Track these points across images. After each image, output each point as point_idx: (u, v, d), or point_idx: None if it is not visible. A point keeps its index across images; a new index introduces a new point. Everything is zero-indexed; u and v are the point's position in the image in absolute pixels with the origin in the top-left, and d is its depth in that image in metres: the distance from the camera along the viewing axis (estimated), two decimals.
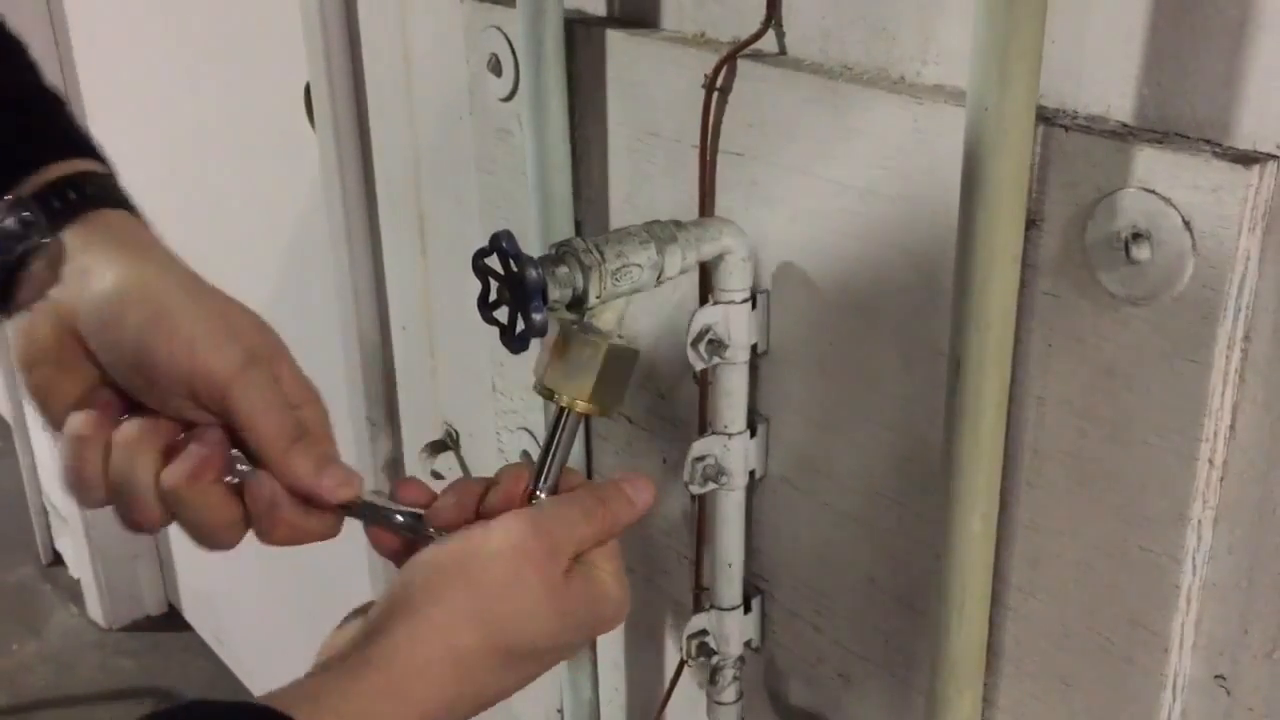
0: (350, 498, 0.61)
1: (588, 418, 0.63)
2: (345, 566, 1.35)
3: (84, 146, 0.66)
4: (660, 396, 0.91)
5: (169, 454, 0.60)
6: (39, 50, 0.68)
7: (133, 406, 0.61)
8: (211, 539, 0.61)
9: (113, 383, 0.61)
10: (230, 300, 0.63)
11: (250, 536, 0.62)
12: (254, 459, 0.61)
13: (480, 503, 0.61)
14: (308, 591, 1.75)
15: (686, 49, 0.80)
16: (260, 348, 0.61)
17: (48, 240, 0.61)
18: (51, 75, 0.68)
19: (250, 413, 0.60)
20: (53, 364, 0.61)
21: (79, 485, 0.61)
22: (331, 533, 0.63)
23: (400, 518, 0.62)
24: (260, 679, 2.14)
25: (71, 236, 0.61)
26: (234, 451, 0.61)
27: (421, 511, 0.62)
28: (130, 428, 0.60)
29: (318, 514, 0.61)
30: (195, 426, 0.61)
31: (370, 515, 0.62)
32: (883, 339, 0.74)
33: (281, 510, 0.60)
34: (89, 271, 0.61)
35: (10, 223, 0.61)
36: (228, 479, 0.61)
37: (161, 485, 0.60)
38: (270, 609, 2.01)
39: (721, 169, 0.80)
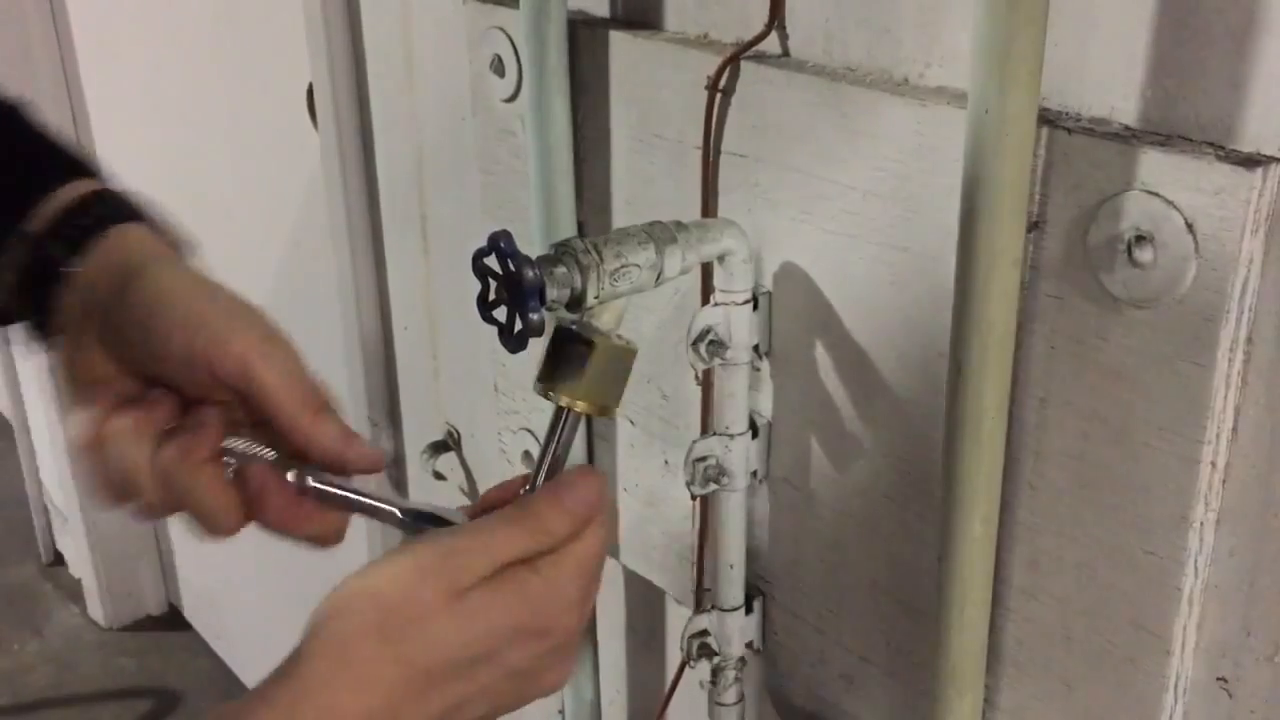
0: (376, 468, 0.62)
1: (588, 418, 0.63)
2: (346, 567, 1.35)
3: (84, 167, 0.66)
4: (662, 397, 0.91)
5: (168, 439, 0.60)
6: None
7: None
8: (209, 523, 0.61)
9: (132, 371, 0.61)
10: (241, 297, 0.63)
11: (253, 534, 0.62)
12: (278, 433, 0.60)
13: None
14: (309, 591, 1.75)
15: (689, 50, 0.80)
16: (277, 330, 0.62)
17: (71, 270, 0.62)
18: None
19: (275, 381, 0.60)
20: (73, 343, 0.62)
21: (90, 483, 0.61)
22: (333, 535, 0.63)
23: (401, 514, 0.61)
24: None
25: (92, 260, 0.62)
26: (238, 440, 0.61)
27: (426, 509, 0.61)
28: (124, 417, 0.60)
29: (310, 506, 0.61)
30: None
31: (368, 510, 0.61)
32: (884, 340, 0.73)
33: (271, 494, 0.60)
34: (108, 278, 0.62)
35: (33, 258, 0.62)
36: (225, 460, 0.60)
37: (156, 469, 0.59)
38: (271, 609, 2.01)
39: (724, 170, 0.80)
